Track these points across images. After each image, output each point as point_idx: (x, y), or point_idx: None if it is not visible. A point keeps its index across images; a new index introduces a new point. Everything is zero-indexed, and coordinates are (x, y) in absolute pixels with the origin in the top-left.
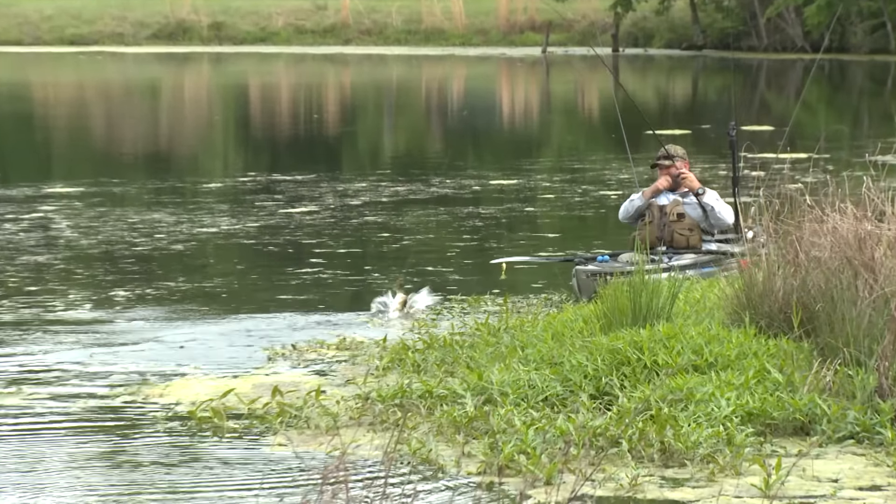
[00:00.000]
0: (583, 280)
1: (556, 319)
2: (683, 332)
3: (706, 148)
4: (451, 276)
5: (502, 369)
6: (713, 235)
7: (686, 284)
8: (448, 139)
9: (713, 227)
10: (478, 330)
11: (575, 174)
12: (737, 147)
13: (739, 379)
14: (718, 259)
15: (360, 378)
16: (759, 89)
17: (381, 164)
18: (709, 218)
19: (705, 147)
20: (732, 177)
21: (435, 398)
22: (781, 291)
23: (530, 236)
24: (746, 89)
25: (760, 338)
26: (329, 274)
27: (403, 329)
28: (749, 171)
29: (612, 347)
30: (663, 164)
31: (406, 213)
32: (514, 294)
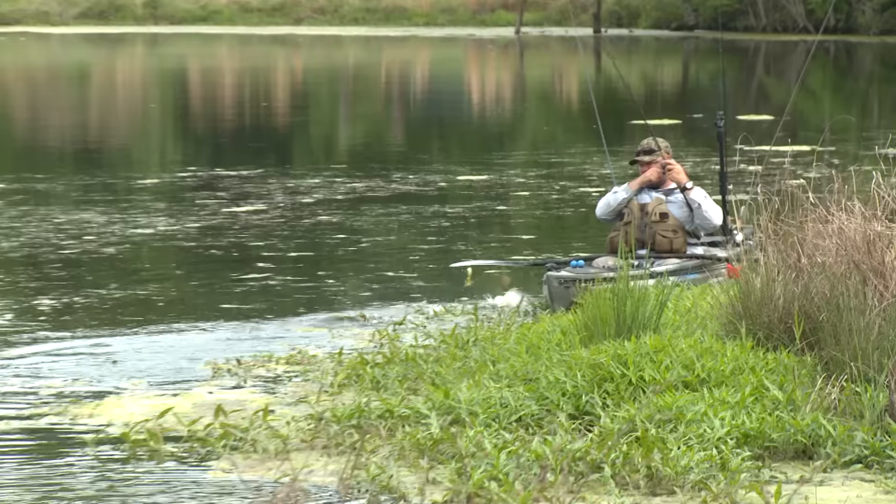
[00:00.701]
0: (555, 287)
1: (531, 331)
2: (672, 345)
3: (698, 140)
4: (415, 282)
5: (471, 386)
6: (699, 238)
7: (676, 292)
8: (411, 130)
9: (700, 229)
10: (444, 342)
11: (552, 169)
12: (725, 139)
13: (735, 397)
14: (705, 265)
15: (312, 396)
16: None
17: (336, 158)
18: (695, 217)
19: (697, 139)
20: (720, 172)
21: (396, 418)
22: (782, 299)
23: (502, 238)
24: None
25: (758, 351)
26: (278, 280)
27: (361, 341)
28: (745, 165)
29: (593, 362)
30: (643, 161)
31: (364, 213)
32: (484, 303)
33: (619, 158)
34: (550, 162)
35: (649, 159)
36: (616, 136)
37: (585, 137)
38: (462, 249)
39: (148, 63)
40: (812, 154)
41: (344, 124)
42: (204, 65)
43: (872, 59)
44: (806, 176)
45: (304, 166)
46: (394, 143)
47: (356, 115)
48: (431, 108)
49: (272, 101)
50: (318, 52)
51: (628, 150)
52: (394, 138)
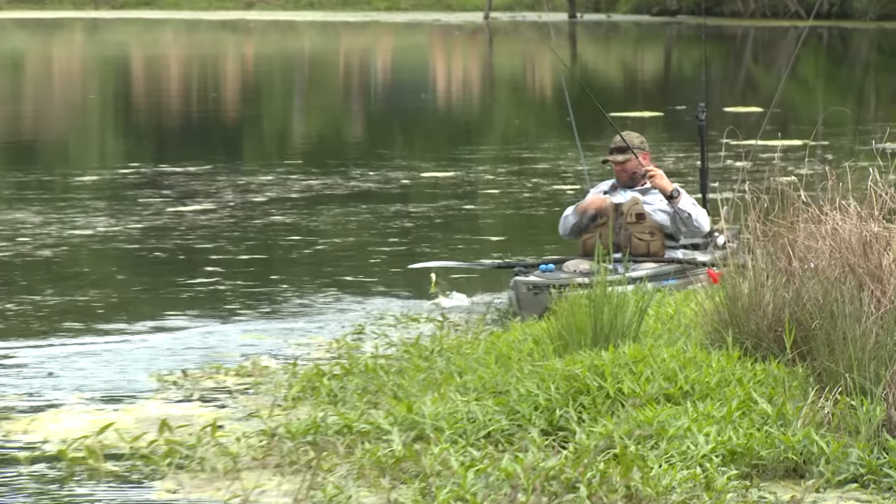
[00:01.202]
0: (523, 293)
1: (501, 340)
2: (653, 355)
3: (680, 133)
4: (375, 286)
5: (436, 399)
6: (678, 241)
7: (657, 298)
8: (371, 123)
9: (685, 234)
10: (407, 352)
11: (524, 165)
12: (706, 133)
13: (720, 411)
14: (684, 270)
15: (265, 410)
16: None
17: (290, 154)
18: (686, 226)
19: (680, 133)
20: (701, 168)
21: (355, 434)
22: (771, 306)
23: (470, 239)
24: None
25: (746, 361)
26: (228, 285)
27: (317, 351)
28: (732, 161)
29: (567, 373)
30: (617, 160)
31: (321, 212)
32: (451, 309)
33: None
34: (522, 157)
35: (622, 158)
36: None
37: (559, 131)
38: (427, 252)
39: (87, 50)
40: (804, 149)
41: (299, 117)
42: (147, 52)
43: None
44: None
45: (255, 162)
46: (353, 138)
47: (312, 108)
48: (393, 100)
49: (221, 92)
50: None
51: (605, 146)
52: (353, 132)
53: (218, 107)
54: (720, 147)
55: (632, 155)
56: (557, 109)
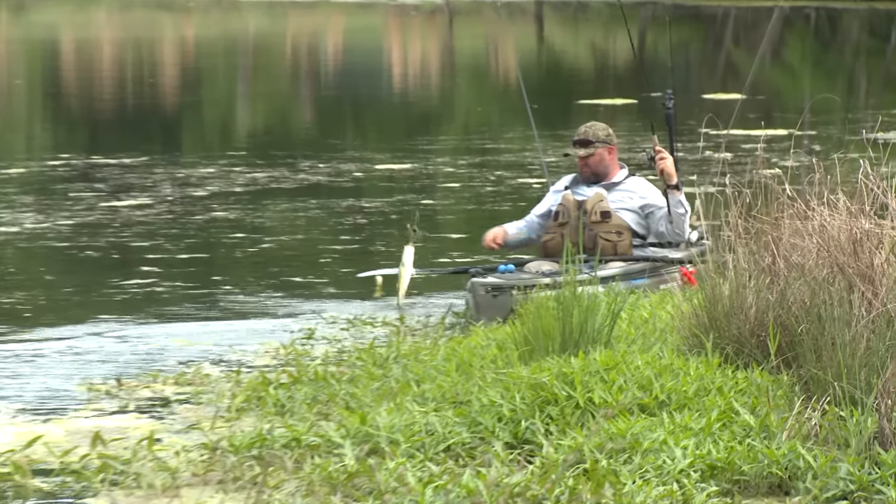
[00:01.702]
0: (481, 296)
1: (462, 345)
2: (627, 362)
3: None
4: (325, 288)
5: (392, 410)
6: (645, 239)
7: (631, 300)
8: (321, 111)
9: (666, 234)
10: (360, 359)
11: (486, 156)
12: (675, 123)
13: (699, 422)
14: (653, 268)
15: (206, 422)
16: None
17: (234, 144)
18: (674, 225)
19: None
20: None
21: (304, 448)
22: (754, 308)
23: (428, 237)
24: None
25: (726, 369)
26: (166, 286)
27: (263, 357)
28: (711, 152)
29: (534, 382)
30: (579, 154)
31: (267, 208)
32: (408, 312)
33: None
34: (484, 148)
35: (585, 153)
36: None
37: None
38: (381, 251)
39: (12, 32)
40: (789, 139)
41: (243, 104)
42: (78, 35)
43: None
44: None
45: (196, 153)
46: (301, 127)
47: (257, 94)
48: (345, 86)
49: (159, 78)
50: (212, 19)
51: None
52: (301, 121)
53: (155, 93)
54: (699, 137)
55: (595, 149)
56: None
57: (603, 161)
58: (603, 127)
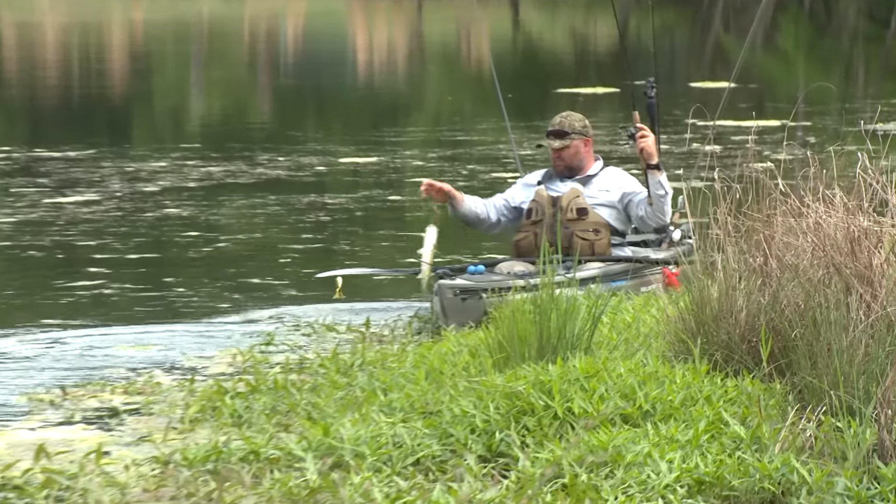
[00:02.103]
0: (449, 299)
1: (432, 352)
2: (609, 369)
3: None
4: (286, 290)
5: (357, 421)
6: (625, 237)
7: (612, 303)
8: (281, 101)
9: (645, 220)
10: (322, 366)
11: (458, 149)
12: (657, 112)
13: (686, 434)
14: (636, 269)
15: (158, 434)
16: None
17: (187, 136)
18: (654, 208)
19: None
20: None
21: (263, 461)
22: (744, 312)
23: (396, 236)
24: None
25: (715, 376)
26: (114, 289)
27: (219, 365)
28: (699, 144)
29: (509, 390)
30: (553, 146)
31: (222, 204)
32: (374, 316)
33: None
34: (456, 140)
35: (559, 145)
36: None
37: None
38: (345, 250)
39: None
40: (782, 130)
41: (197, 94)
42: (19, 18)
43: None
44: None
45: (146, 146)
46: (259, 118)
47: (212, 83)
48: (307, 74)
49: (106, 65)
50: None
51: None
52: (259, 111)
53: (102, 81)
54: (685, 128)
55: (570, 140)
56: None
57: (578, 154)
58: (579, 118)
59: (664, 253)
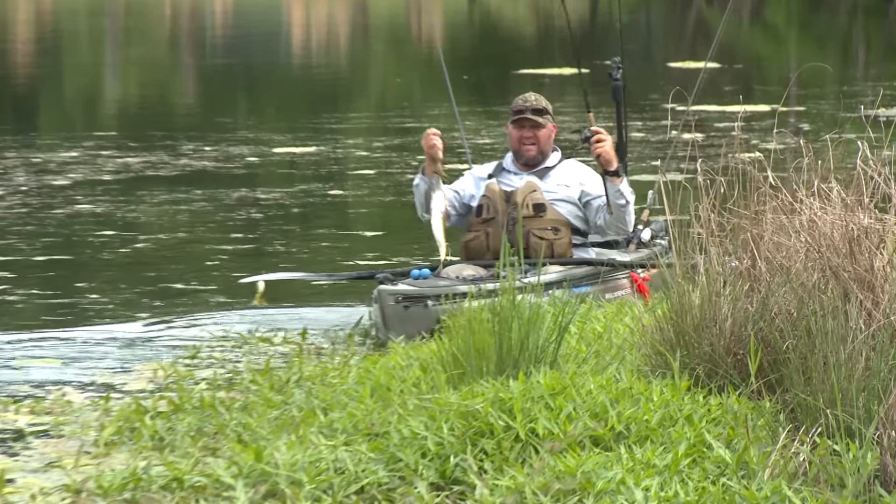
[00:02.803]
0: (390, 307)
1: (378, 366)
2: (577, 385)
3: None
4: (213, 296)
5: (293, 444)
6: (587, 237)
7: (581, 311)
8: (207, 83)
9: (606, 228)
10: (254, 382)
11: (407, 138)
12: (623, 96)
13: (664, 458)
14: (599, 273)
15: (69, 459)
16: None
17: (101, 123)
18: (615, 217)
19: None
20: (617, 142)
21: (187, 490)
22: (730, 321)
23: (337, 235)
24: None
25: (697, 393)
26: (20, 295)
27: (138, 380)
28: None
29: (465, 409)
30: (524, 124)
31: (141, 199)
32: (313, 325)
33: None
34: (404, 128)
35: (542, 121)
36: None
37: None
38: (281, 252)
39: None
40: (772, 116)
41: (112, 76)
42: None
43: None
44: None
45: (55, 134)
46: (183, 102)
47: (129, 63)
48: (236, 53)
49: (10, 44)
50: None
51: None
52: (183, 95)
53: (5, 62)
54: (663, 114)
55: (549, 121)
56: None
57: (551, 138)
58: (542, 98)
59: (632, 255)
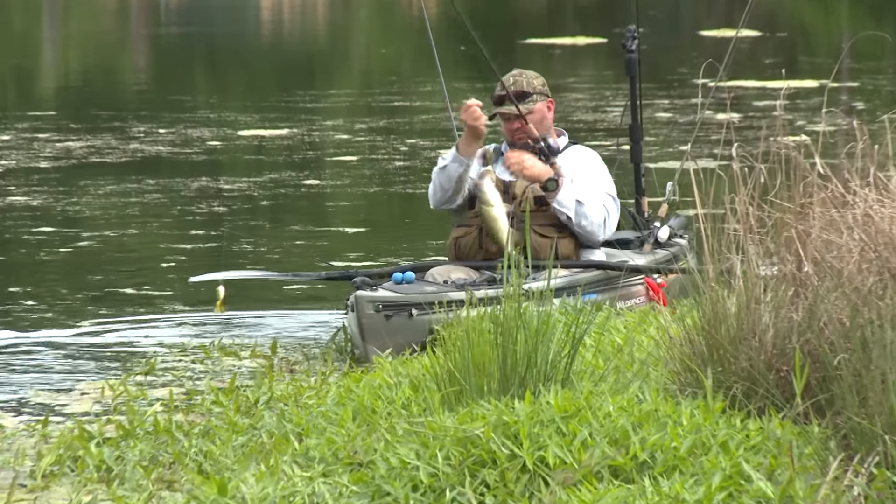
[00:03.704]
0: (368, 317)
1: (362, 385)
2: (593, 407)
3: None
4: (168, 303)
5: (263, 476)
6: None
7: (598, 320)
8: (162, 57)
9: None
10: (218, 403)
11: (394, 118)
12: (638, 70)
13: (695, 491)
14: (610, 278)
15: (1, 493)
16: None
17: (37, 102)
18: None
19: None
20: (630, 124)
21: None
22: (771, 332)
23: (313, 232)
24: None
25: (733, 416)
26: None
27: (81, 401)
28: (712, 111)
29: (463, 435)
30: (513, 111)
31: (85, 190)
32: (284, 335)
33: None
34: (392, 107)
35: (525, 110)
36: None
37: (450, 66)
38: (247, 252)
39: None
40: (821, 94)
41: (51, 49)
42: None
43: None
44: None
45: None
46: (134, 78)
47: (71, 36)
48: (196, 21)
49: None
50: None
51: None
52: (134, 70)
53: None
54: (694, 91)
55: (534, 103)
56: (447, 34)
57: (545, 121)
58: (534, 74)
59: (647, 257)
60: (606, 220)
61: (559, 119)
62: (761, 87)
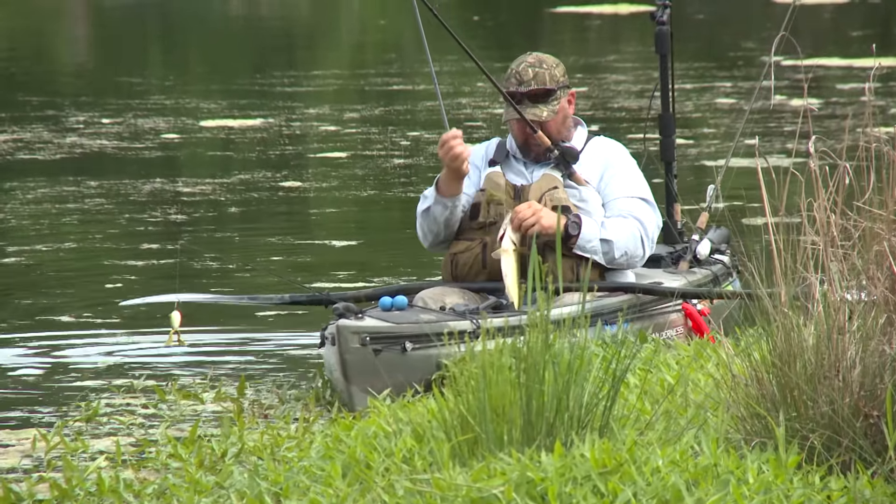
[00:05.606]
0: (353, 352)
1: (354, 433)
2: (638, 460)
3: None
4: (114, 333)
5: None
6: None
7: (644, 354)
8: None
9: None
10: (175, 456)
11: (391, 105)
12: (670, 46)
13: None
14: (643, 304)
15: None
16: None
17: None
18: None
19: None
20: (661, 114)
21: None
22: (858, 369)
23: (292, 245)
24: None
25: (811, 472)
26: None
27: (7, 455)
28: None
29: (478, 496)
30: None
31: (11, 194)
32: (255, 372)
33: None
34: (389, 91)
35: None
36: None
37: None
38: (211, 269)
39: None
40: None
41: None
42: None
43: None
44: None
45: None
46: (72, 58)
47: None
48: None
49: None
50: None
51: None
52: (73, 47)
53: None
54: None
55: (557, 103)
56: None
57: (567, 120)
58: (554, 60)
59: (684, 278)
60: (644, 241)
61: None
62: (847, 65)
